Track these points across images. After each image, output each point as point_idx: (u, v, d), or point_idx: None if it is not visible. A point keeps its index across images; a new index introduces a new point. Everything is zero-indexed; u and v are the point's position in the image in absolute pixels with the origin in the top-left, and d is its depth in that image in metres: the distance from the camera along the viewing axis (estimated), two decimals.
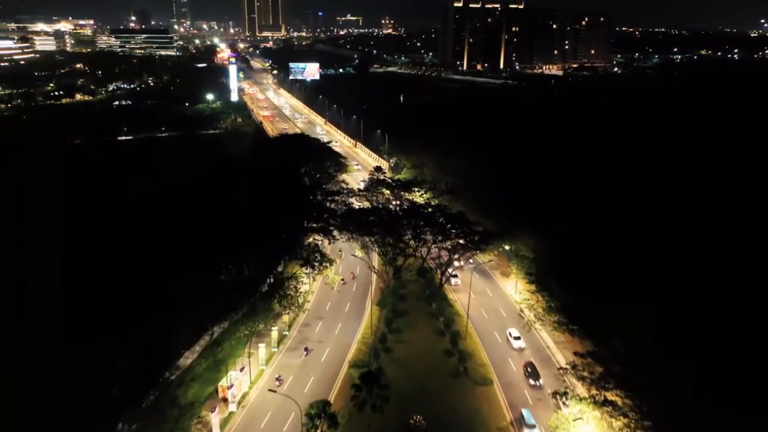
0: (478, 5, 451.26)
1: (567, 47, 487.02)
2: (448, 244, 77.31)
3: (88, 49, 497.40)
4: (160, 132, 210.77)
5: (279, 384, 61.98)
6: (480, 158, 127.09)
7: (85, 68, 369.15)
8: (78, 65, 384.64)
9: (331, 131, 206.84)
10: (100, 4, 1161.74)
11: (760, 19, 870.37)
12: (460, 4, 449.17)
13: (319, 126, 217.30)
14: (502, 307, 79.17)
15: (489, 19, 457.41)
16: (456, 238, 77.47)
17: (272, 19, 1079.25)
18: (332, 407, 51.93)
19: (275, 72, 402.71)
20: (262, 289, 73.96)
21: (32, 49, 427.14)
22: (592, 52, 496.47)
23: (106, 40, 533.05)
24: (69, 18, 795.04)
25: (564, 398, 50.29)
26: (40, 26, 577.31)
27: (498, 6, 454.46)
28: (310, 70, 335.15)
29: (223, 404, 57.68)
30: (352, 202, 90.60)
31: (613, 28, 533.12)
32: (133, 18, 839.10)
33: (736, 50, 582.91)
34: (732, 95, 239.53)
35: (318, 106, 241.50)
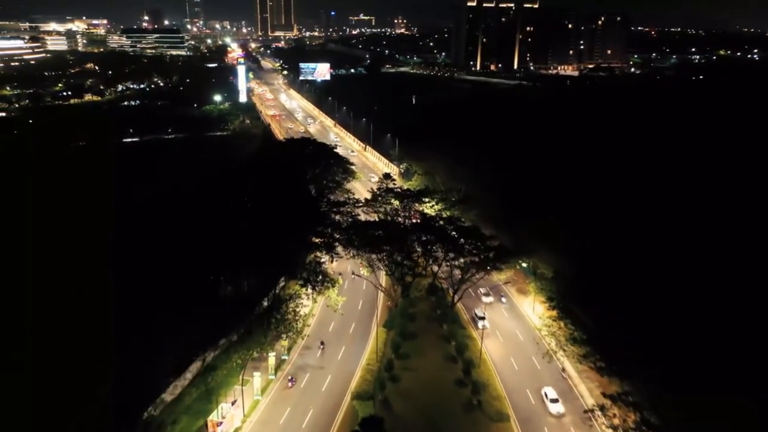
0: (492, 4, 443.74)
1: (582, 47, 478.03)
2: (461, 261, 71.42)
3: (100, 49, 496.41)
4: (167, 133, 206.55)
5: (292, 385, 61.28)
6: (494, 164, 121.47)
7: (96, 68, 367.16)
8: (89, 65, 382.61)
9: (341, 134, 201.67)
10: (114, 4, 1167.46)
11: None
12: (474, 4, 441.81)
13: (333, 132, 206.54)
14: (519, 331, 73.17)
15: (503, 19, 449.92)
16: (469, 255, 71.59)
17: (284, 19, 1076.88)
18: None
19: (285, 72, 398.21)
20: (260, 307, 68.76)
21: (43, 49, 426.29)
22: (608, 52, 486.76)
23: (117, 40, 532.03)
24: (83, 18, 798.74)
25: None
26: (52, 26, 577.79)
27: (512, 5, 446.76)
28: (321, 71, 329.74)
29: None
30: (358, 213, 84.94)
31: (629, 28, 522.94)
32: (146, 18, 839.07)
33: (755, 50, 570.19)
34: (757, 97, 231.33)
35: (328, 108, 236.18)
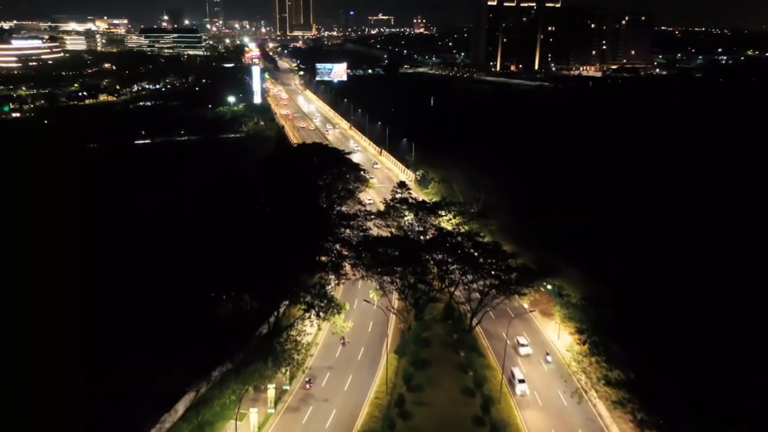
0: (513, 4, 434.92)
1: (605, 47, 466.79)
2: (481, 284, 65.09)
3: (118, 49, 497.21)
4: (179, 135, 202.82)
5: (309, 387, 59.97)
6: (515, 172, 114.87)
7: (113, 68, 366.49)
8: (106, 65, 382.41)
9: (362, 142, 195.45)
10: (137, 4, 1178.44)
11: None
12: (494, 3, 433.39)
13: (354, 140, 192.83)
14: (543, 360, 66.72)
15: (524, 18, 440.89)
16: (489, 277, 65.26)
17: (303, 19, 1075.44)
18: None
19: (301, 73, 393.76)
20: (259, 333, 63.21)
21: (61, 49, 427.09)
22: (632, 52, 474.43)
23: (135, 40, 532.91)
24: (104, 18, 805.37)
25: None
26: (71, 26, 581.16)
27: (533, 4, 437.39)
28: (338, 71, 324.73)
29: None
30: (369, 227, 79.00)
31: (653, 28, 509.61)
32: (166, 17, 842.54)
33: None
34: None
35: (343, 110, 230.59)
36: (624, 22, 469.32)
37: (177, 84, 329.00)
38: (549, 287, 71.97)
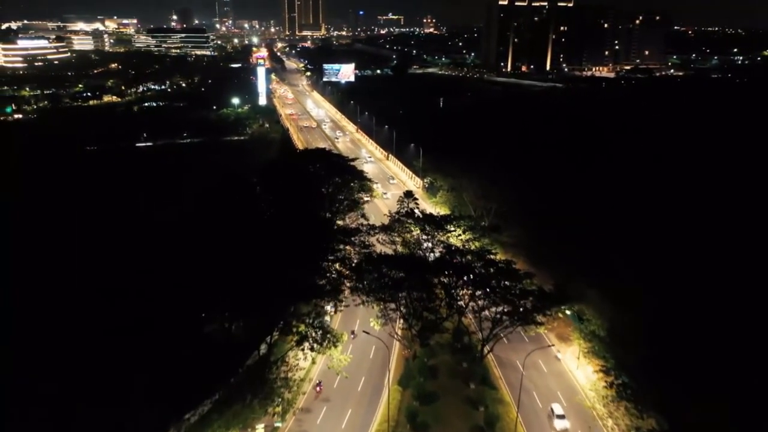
0: (525, 3, 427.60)
1: (618, 47, 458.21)
2: (494, 311, 58.97)
3: (125, 49, 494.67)
4: (182, 138, 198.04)
5: (320, 391, 58.08)
6: (528, 180, 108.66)
7: (119, 68, 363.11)
8: (112, 65, 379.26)
9: (368, 145, 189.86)
10: (147, 4, 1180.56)
11: None
12: (505, 2, 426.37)
13: (366, 149, 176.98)
14: (561, 392, 60.52)
15: (535, 18, 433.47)
16: (502, 302, 59.15)
17: (312, 18, 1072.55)
18: None
19: (308, 74, 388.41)
20: (248, 362, 57.40)
21: (68, 49, 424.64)
22: (646, 52, 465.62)
23: (143, 40, 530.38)
24: (114, 17, 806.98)
25: None
26: (79, 25, 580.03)
27: (545, 4, 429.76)
28: (345, 72, 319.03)
29: None
30: (372, 243, 73.04)
31: (668, 28, 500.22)
32: (175, 17, 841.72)
33: None
34: None
35: (351, 111, 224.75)
36: (638, 21, 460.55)
37: (183, 84, 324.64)
38: (568, 312, 65.80)
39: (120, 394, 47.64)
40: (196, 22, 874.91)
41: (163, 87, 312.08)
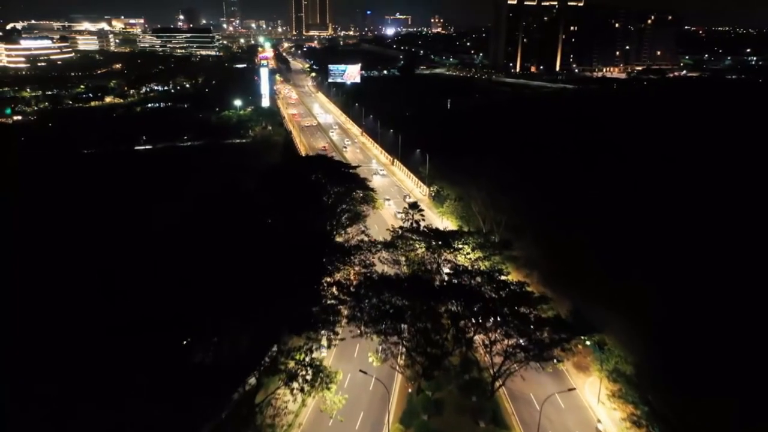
0: (534, 2, 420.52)
1: (629, 48, 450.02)
2: (506, 344, 52.94)
3: (130, 49, 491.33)
4: (182, 141, 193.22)
5: None
6: (540, 188, 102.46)
7: (123, 69, 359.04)
8: (116, 65, 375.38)
9: (367, 143, 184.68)
10: (155, 4, 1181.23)
11: None
12: (514, 2, 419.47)
13: (376, 159, 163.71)
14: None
15: (545, 18, 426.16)
16: (516, 334, 53.17)
17: (319, 18, 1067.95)
18: None
19: (314, 74, 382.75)
20: (239, 392, 51.49)
21: (72, 49, 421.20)
22: (658, 53, 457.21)
23: (148, 40, 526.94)
24: (121, 17, 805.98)
25: None
26: (84, 25, 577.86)
27: (555, 3, 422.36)
28: (351, 73, 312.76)
29: None
30: (373, 262, 67.11)
31: (680, 27, 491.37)
32: (182, 17, 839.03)
33: None
34: None
35: (356, 113, 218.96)
36: (649, 21, 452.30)
37: (187, 85, 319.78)
38: (588, 342, 59.71)
39: (119, 394, 44.44)
40: (203, 21, 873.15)
41: (167, 88, 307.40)
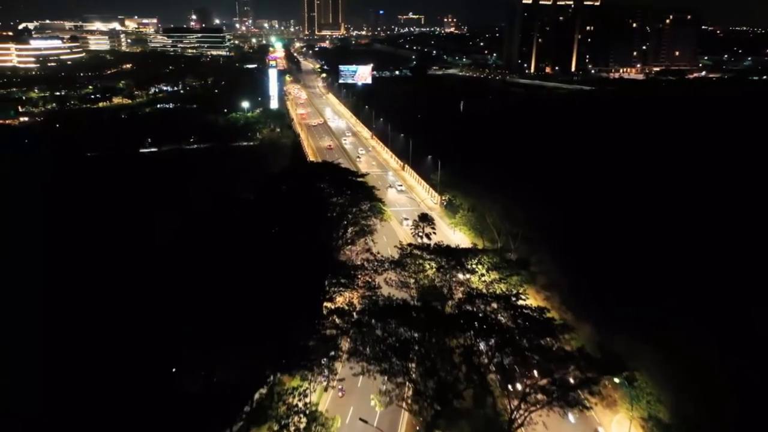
0: (549, 2, 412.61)
1: (647, 48, 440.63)
2: (527, 385, 47.13)
3: (141, 49, 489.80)
4: (189, 143, 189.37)
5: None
6: (559, 200, 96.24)
7: (133, 69, 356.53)
8: (127, 65, 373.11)
9: (377, 147, 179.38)
10: (169, 3, 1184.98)
11: None
12: (529, 1, 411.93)
13: (386, 164, 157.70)
14: None
15: (560, 18, 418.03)
16: (537, 372, 47.40)
17: (332, 18, 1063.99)
18: None
19: (324, 75, 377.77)
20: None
21: (82, 49, 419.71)
22: (676, 53, 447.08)
23: (159, 40, 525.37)
24: (134, 17, 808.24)
25: None
26: (96, 25, 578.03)
27: (571, 3, 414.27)
28: (362, 74, 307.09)
29: None
30: (379, 284, 61.55)
31: (699, 27, 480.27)
32: (194, 17, 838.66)
33: None
34: None
35: (366, 116, 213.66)
36: (668, 21, 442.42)
37: (196, 86, 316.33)
38: (616, 380, 53.76)
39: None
40: (216, 21, 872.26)
41: (176, 88, 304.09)
